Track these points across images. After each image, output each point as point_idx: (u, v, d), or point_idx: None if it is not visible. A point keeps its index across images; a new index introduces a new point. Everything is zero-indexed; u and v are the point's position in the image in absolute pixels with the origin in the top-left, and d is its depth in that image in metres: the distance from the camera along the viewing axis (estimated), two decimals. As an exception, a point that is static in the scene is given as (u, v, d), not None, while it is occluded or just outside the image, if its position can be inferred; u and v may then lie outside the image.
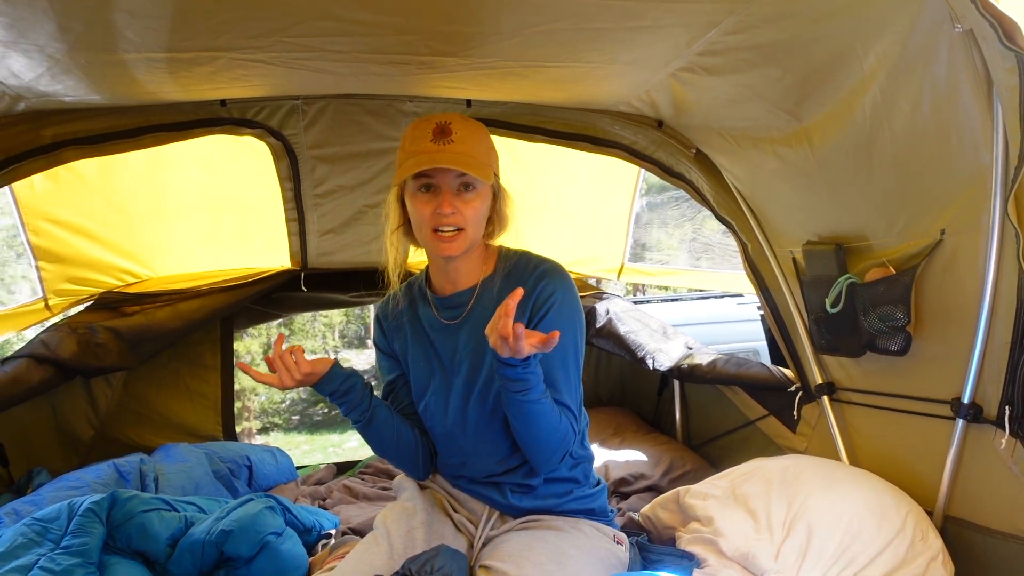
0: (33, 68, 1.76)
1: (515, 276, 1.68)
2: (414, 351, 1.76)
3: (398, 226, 1.71)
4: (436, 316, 1.73)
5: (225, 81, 2.07)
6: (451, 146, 1.56)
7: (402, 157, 1.62)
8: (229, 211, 3.16)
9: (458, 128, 1.59)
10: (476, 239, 1.64)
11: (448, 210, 1.56)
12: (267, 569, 2.04)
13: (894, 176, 1.73)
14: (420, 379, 1.75)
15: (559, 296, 1.63)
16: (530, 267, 1.68)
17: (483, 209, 1.62)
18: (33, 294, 2.98)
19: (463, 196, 1.59)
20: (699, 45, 1.79)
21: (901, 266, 1.81)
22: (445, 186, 1.58)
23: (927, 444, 1.87)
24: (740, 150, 2.20)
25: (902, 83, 1.56)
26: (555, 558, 1.53)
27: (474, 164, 1.56)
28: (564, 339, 1.60)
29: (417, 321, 1.76)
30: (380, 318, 1.85)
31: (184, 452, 2.87)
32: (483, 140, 1.63)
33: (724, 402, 2.96)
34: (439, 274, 1.74)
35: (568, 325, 1.63)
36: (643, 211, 3.95)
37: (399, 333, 1.79)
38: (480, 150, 1.60)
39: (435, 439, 1.78)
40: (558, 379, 1.61)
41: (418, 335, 1.75)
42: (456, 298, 1.72)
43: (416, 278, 1.83)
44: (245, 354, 12.70)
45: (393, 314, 1.81)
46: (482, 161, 1.59)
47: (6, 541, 1.90)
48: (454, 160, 1.55)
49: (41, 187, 2.72)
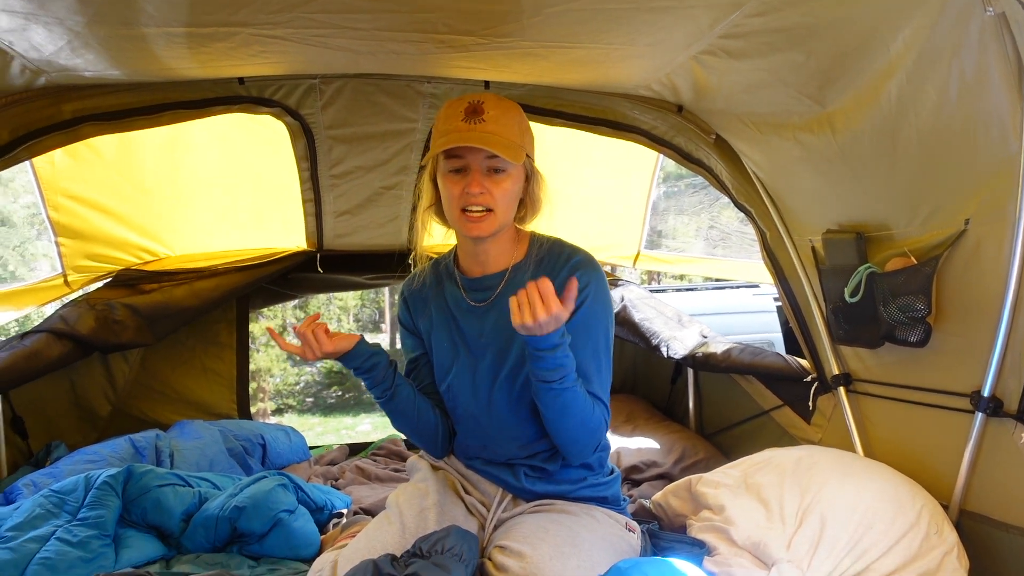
0: (54, 41, 1.76)
1: (548, 264, 1.67)
2: (438, 331, 1.75)
3: (430, 205, 1.71)
4: (464, 297, 1.72)
5: (243, 58, 2.06)
6: (482, 126, 1.55)
7: (435, 136, 1.62)
8: (246, 191, 3.17)
9: (490, 108, 1.57)
10: (506, 221, 1.63)
11: (477, 190, 1.55)
12: (279, 545, 2.06)
13: (918, 164, 1.70)
14: (443, 359, 1.74)
15: (593, 287, 1.63)
16: (563, 256, 1.67)
17: (513, 190, 1.61)
18: (52, 270, 3.01)
19: (493, 177, 1.57)
20: (721, 27, 1.76)
21: (923, 256, 1.78)
22: (475, 166, 1.56)
23: (944, 437, 1.85)
24: (761, 136, 2.17)
25: (929, 68, 1.52)
26: (570, 540, 1.53)
27: (504, 144, 1.54)
28: (596, 331, 1.63)
29: (443, 301, 1.75)
30: (405, 295, 1.84)
31: (199, 429, 2.90)
32: (516, 120, 1.61)
33: (738, 391, 2.95)
34: (468, 256, 1.73)
35: (601, 317, 1.64)
36: (660, 199, 3.92)
37: (424, 311, 1.78)
38: (512, 131, 1.58)
39: (456, 420, 1.77)
40: (590, 371, 1.61)
41: (443, 315, 1.74)
42: (486, 280, 1.70)
43: (444, 257, 1.82)
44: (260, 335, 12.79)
45: (419, 292, 1.80)
46: (513, 142, 1.57)
47: (25, 512, 1.94)
48: (483, 140, 1.53)
49: (61, 163, 2.74)
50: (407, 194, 3.08)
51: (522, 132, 1.62)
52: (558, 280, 1.62)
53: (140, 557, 1.96)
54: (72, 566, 1.80)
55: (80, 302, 2.89)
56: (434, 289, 1.78)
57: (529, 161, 1.64)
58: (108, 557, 1.89)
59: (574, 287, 1.41)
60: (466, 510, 1.74)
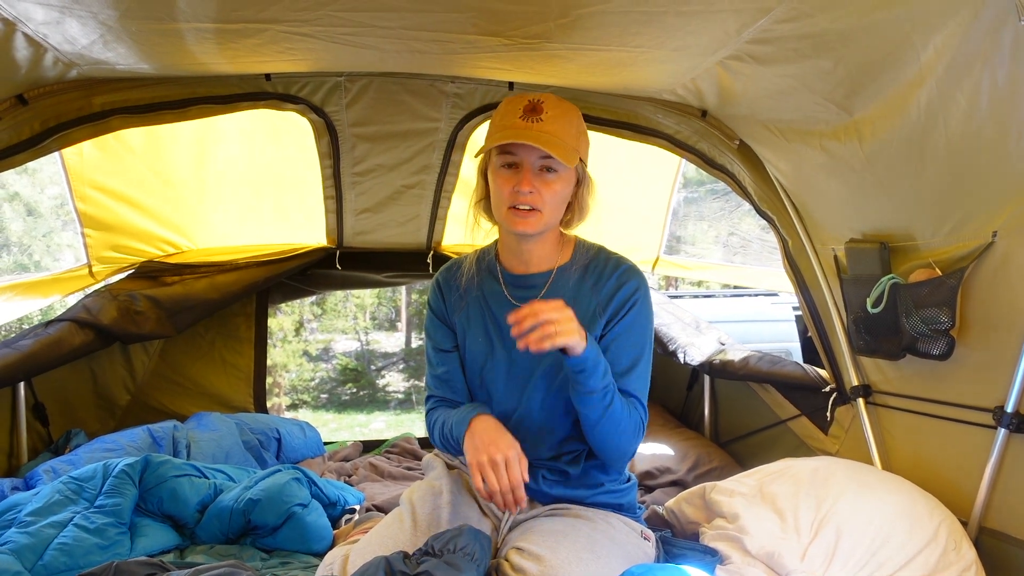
0: (87, 35, 1.79)
1: (594, 269, 1.69)
2: (474, 325, 1.74)
3: (479, 200, 1.72)
4: (505, 294, 1.72)
5: (271, 54, 2.08)
6: (539, 124, 1.55)
7: (490, 131, 1.62)
8: (269, 186, 3.20)
9: (549, 108, 1.57)
10: (552, 222, 1.63)
11: (527, 188, 1.56)
12: (292, 538, 2.08)
13: (946, 174, 1.68)
14: (477, 354, 1.73)
15: (640, 295, 1.67)
16: (610, 264, 1.69)
17: (563, 193, 1.61)
18: (76, 260, 3.05)
19: (544, 177, 1.57)
20: (749, 33, 1.75)
21: (948, 268, 1.75)
22: (527, 164, 1.57)
23: (965, 452, 1.82)
24: (786, 143, 2.16)
25: (960, 77, 1.51)
26: (588, 546, 1.52)
27: (559, 145, 1.54)
28: (641, 335, 1.66)
29: (481, 294, 1.75)
30: (440, 281, 1.82)
31: (216, 421, 2.93)
32: (573, 123, 1.60)
33: (755, 400, 2.92)
34: (511, 253, 1.73)
35: (646, 324, 1.68)
36: (680, 205, 3.90)
37: (459, 303, 1.77)
38: (569, 133, 1.57)
39: None
40: (633, 371, 1.64)
41: (481, 309, 1.74)
42: (530, 279, 1.71)
43: (486, 251, 1.81)
44: (278, 331, 12.90)
45: (455, 280, 1.79)
46: (568, 144, 1.56)
47: (44, 497, 1.96)
48: (539, 138, 1.53)
49: (89, 155, 2.77)
50: (428, 193, 3.09)
51: (578, 135, 1.61)
52: (606, 286, 1.66)
53: (155, 546, 1.99)
54: (89, 552, 1.82)
55: (103, 292, 2.93)
56: (472, 280, 1.76)
57: (582, 166, 1.64)
58: (124, 545, 1.92)
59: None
60: (480, 511, 1.74)
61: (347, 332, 16.19)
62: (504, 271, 1.74)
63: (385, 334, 17.62)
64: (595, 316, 1.64)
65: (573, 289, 1.67)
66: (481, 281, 1.76)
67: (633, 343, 1.64)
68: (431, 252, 3.42)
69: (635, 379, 1.64)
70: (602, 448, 1.63)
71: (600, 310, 1.65)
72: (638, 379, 1.65)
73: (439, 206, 3.18)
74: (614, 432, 1.58)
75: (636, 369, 1.64)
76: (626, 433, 1.60)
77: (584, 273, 1.68)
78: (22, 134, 2.06)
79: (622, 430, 1.59)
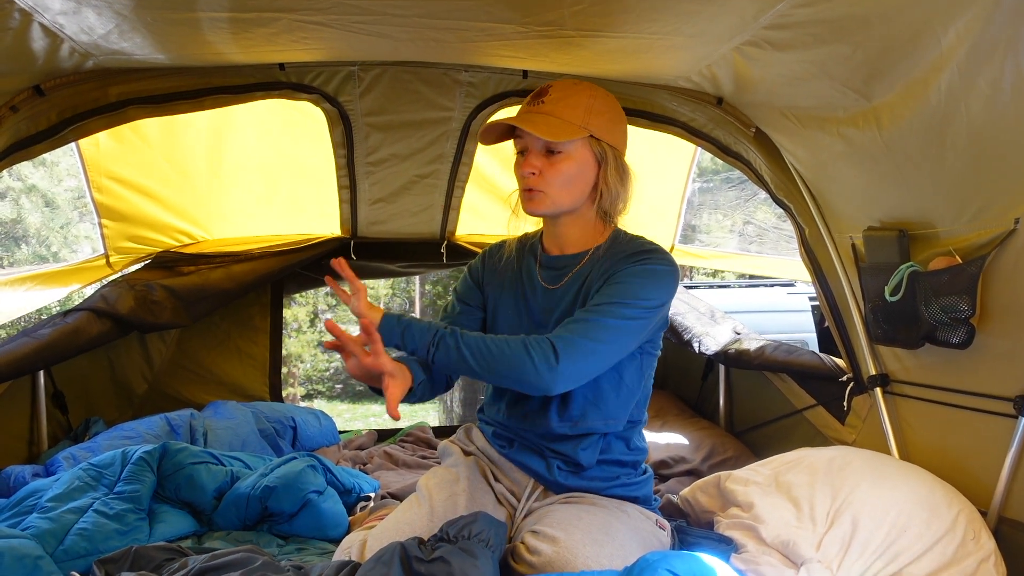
0: (103, 24, 1.79)
1: (618, 248, 1.65)
2: (505, 299, 1.77)
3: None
4: (538, 273, 1.74)
5: (285, 43, 2.08)
6: (539, 107, 1.58)
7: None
8: (284, 177, 3.21)
9: (555, 90, 1.59)
10: (564, 203, 1.63)
11: (527, 170, 1.59)
12: (308, 525, 2.09)
13: (967, 161, 1.65)
14: (507, 328, 1.74)
15: (653, 260, 1.60)
16: (636, 244, 1.67)
17: (570, 172, 1.60)
18: (93, 252, 3.08)
19: (549, 158, 1.59)
20: (767, 18, 1.73)
21: (968, 255, 1.73)
22: (531, 147, 1.60)
23: (985, 442, 1.80)
24: (803, 130, 2.13)
25: (982, 62, 1.48)
26: (604, 529, 1.53)
27: (550, 125, 1.54)
28: (624, 289, 1.54)
29: (518, 272, 1.77)
30: (485, 254, 1.88)
31: (232, 410, 2.96)
32: (581, 101, 1.59)
33: (770, 390, 2.91)
34: (548, 234, 1.77)
35: (641, 282, 1.56)
36: (694, 194, 3.88)
37: (495, 276, 1.81)
38: (570, 112, 1.57)
39: (501, 392, 1.78)
40: (594, 312, 1.52)
41: (516, 285, 1.76)
42: (562, 260, 1.72)
43: (532, 234, 1.84)
44: (293, 321, 12.98)
45: (498, 256, 1.84)
46: (567, 122, 1.56)
47: (64, 484, 1.99)
48: (531, 121, 1.56)
49: (106, 145, 2.79)
50: (441, 183, 3.09)
51: (587, 113, 1.59)
52: (619, 258, 1.61)
53: (173, 532, 2.01)
54: (108, 537, 1.84)
55: (120, 282, 2.96)
56: (515, 259, 1.80)
57: (599, 144, 1.62)
58: (143, 531, 1.94)
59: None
60: (495, 499, 1.74)
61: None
62: (543, 253, 1.76)
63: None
64: (606, 275, 1.61)
65: (596, 269, 1.65)
66: (523, 259, 1.79)
67: (622, 289, 1.53)
68: (445, 242, 3.42)
69: (592, 315, 1.51)
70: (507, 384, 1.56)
71: (612, 268, 1.61)
72: (597, 319, 1.51)
73: (453, 195, 3.18)
74: (505, 371, 1.49)
75: (593, 314, 1.51)
76: (517, 368, 1.47)
77: (609, 253, 1.67)
78: (39, 125, 2.07)
79: (511, 368, 1.47)
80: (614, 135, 1.65)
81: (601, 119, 1.62)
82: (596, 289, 1.60)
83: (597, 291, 1.59)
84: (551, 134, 1.55)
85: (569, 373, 1.49)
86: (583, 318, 1.53)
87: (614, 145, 1.65)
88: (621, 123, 1.69)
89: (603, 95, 1.65)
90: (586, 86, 1.64)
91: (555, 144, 1.57)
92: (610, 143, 1.64)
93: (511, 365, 1.48)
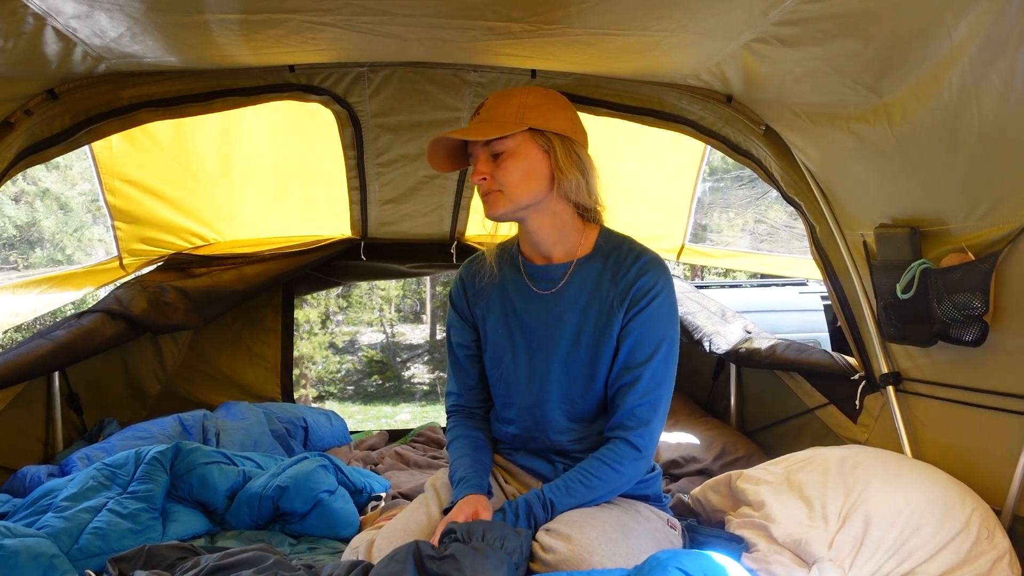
0: (115, 27, 1.81)
1: (615, 261, 1.66)
2: (494, 317, 1.75)
3: None
4: (527, 284, 1.72)
5: (294, 45, 2.09)
6: (477, 117, 1.64)
7: None
8: (294, 179, 3.23)
9: (491, 99, 1.65)
10: (520, 199, 1.61)
11: (476, 177, 1.63)
12: (320, 525, 2.10)
13: (979, 156, 1.64)
14: (498, 345, 1.74)
15: (660, 289, 1.62)
16: (632, 254, 1.66)
17: (520, 168, 1.60)
18: (107, 255, 3.11)
19: (496, 160, 1.61)
20: (776, 14, 1.72)
21: (981, 252, 1.71)
22: (478, 155, 1.63)
23: (999, 440, 1.79)
24: (813, 127, 2.12)
25: (994, 57, 1.46)
26: (618, 528, 1.53)
27: (481, 128, 1.58)
28: (658, 337, 1.62)
29: (503, 286, 1.75)
30: (463, 276, 1.84)
31: (244, 410, 2.97)
32: (512, 101, 1.61)
33: (782, 389, 2.89)
34: (526, 243, 1.75)
35: (666, 322, 1.63)
36: (705, 194, 3.87)
37: (482, 296, 1.78)
38: (503, 113, 1.60)
39: (505, 407, 1.76)
40: (640, 377, 1.60)
41: (502, 300, 1.74)
42: (551, 270, 1.70)
43: (509, 243, 1.82)
44: (304, 323, 13.02)
45: (478, 273, 1.80)
46: (501, 121, 1.59)
47: (78, 483, 2.01)
48: (464, 131, 1.61)
49: (119, 148, 2.82)
50: (451, 183, 3.10)
51: (522, 108, 1.60)
52: (625, 278, 1.63)
53: (186, 531, 2.02)
54: (122, 536, 1.86)
55: (134, 284, 2.99)
56: (494, 271, 1.77)
57: (544, 135, 1.61)
58: (156, 530, 1.96)
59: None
60: (504, 499, 1.74)
61: (373, 324, 16.33)
62: (526, 262, 1.74)
63: (410, 326, 17.73)
64: (613, 309, 1.63)
65: (593, 280, 1.66)
66: (503, 271, 1.76)
67: (646, 343, 1.61)
68: (455, 243, 3.43)
69: (642, 383, 1.60)
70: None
71: (618, 302, 1.63)
72: (648, 382, 1.60)
73: (462, 196, 3.19)
74: (610, 493, 1.63)
75: (647, 373, 1.60)
76: (620, 486, 1.64)
77: (605, 264, 1.66)
78: (53, 128, 2.10)
79: (615, 488, 1.63)
80: (556, 122, 1.62)
81: (537, 111, 1.61)
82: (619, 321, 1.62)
83: (621, 329, 1.62)
84: (484, 134, 1.58)
85: (652, 447, 1.65)
86: (637, 403, 1.60)
87: (560, 132, 1.62)
88: (564, 111, 1.66)
89: (538, 91, 1.66)
90: (521, 88, 1.68)
91: (495, 145, 1.59)
92: (555, 131, 1.61)
93: (612, 489, 1.63)
